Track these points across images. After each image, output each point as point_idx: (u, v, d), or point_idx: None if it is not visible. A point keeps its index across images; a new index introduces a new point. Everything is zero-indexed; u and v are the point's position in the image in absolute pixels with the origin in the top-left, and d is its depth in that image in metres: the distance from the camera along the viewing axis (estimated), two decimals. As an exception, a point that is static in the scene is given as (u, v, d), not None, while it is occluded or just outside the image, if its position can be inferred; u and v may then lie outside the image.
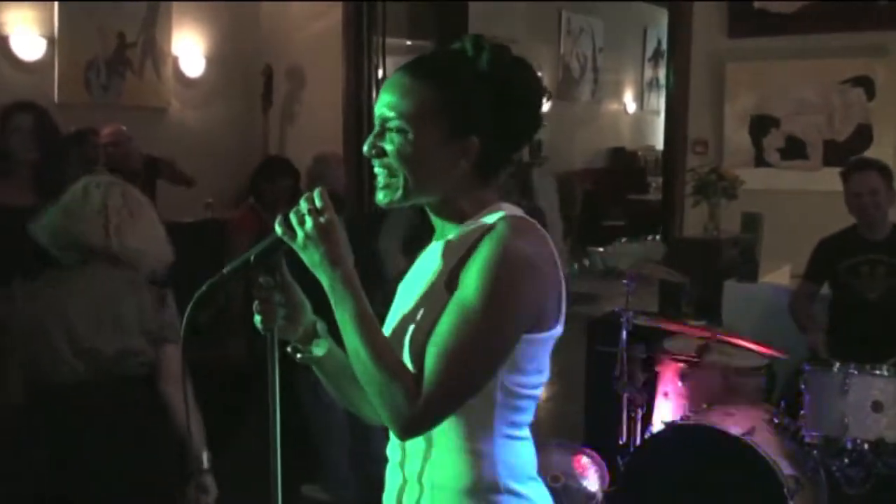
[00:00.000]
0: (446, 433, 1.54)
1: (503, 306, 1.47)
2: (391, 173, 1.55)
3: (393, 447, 1.65)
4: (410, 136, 1.52)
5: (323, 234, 1.51)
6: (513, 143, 1.61)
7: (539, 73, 1.64)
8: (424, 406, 1.46)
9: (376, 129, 1.57)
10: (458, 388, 1.48)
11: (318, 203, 1.52)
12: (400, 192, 1.55)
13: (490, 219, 1.55)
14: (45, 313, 2.71)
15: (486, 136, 1.55)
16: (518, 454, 1.58)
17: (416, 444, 1.58)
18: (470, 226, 1.57)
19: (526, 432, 1.61)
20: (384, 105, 1.55)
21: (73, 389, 2.69)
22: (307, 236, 1.51)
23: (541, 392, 1.60)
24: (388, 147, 1.54)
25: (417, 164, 1.54)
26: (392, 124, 1.54)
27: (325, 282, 1.52)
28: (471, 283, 1.47)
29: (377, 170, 1.57)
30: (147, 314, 2.77)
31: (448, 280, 1.53)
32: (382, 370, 1.47)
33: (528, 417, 1.60)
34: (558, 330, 1.57)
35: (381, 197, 1.58)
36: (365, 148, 1.57)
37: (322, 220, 1.51)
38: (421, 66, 1.57)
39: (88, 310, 2.72)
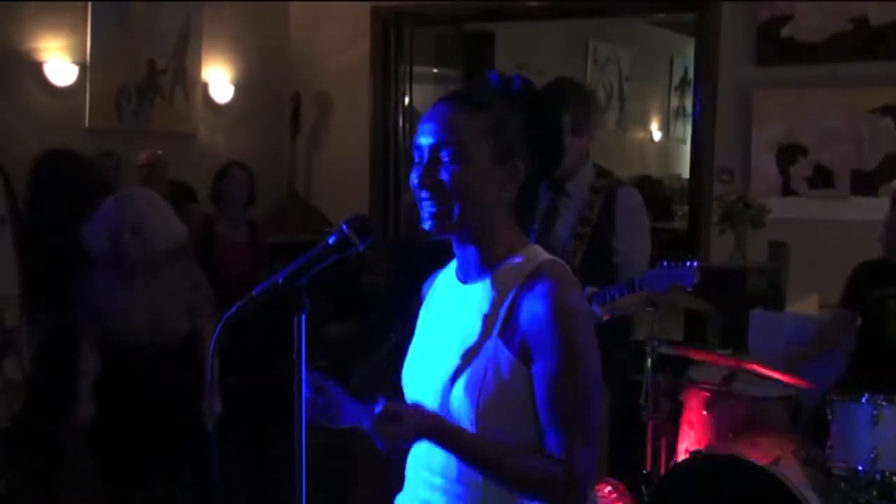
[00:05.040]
0: (461, 468, 1.58)
1: (591, 356, 1.55)
2: (441, 202, 1.56)
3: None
4: (465, 163, 1.55)
5: (409, 438, 1.55)
6: (545, 170, 1.65)
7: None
8: (577, 478, 1.52)
9: (425, 159, 1.58)
10: (596, 440, 1.55)
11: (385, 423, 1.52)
12: (452, 220, 1.57)
13: (527, 262, 1.58)
14: (106, 297, 3.62)
15: (526, 161, 1.60)
16: None
17: (434, 480, 1.63)
18: (507, 266, 1.59)
19: None
20: (431, 134, 1.57)
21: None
22: (406, 440, 1.56)
23: None
24: (444, 177, 1.56)
25: (471, 192, 1.56)
26: (444, 153, 1.56)
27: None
28: (553, 341, 1.51)
29: (426, 200, 1.58)
30: (183, 294, 3.67)
31: (501, 328, 1.56)
32: (529, 481, 1.54)
33: None
34: None
35: (429, 226, 1.59)
36: (416, 179, 1.58)
37: (396, 429, 1.52)
38: (461, 97, 1.61)
39: (130, 295, 3.61)
